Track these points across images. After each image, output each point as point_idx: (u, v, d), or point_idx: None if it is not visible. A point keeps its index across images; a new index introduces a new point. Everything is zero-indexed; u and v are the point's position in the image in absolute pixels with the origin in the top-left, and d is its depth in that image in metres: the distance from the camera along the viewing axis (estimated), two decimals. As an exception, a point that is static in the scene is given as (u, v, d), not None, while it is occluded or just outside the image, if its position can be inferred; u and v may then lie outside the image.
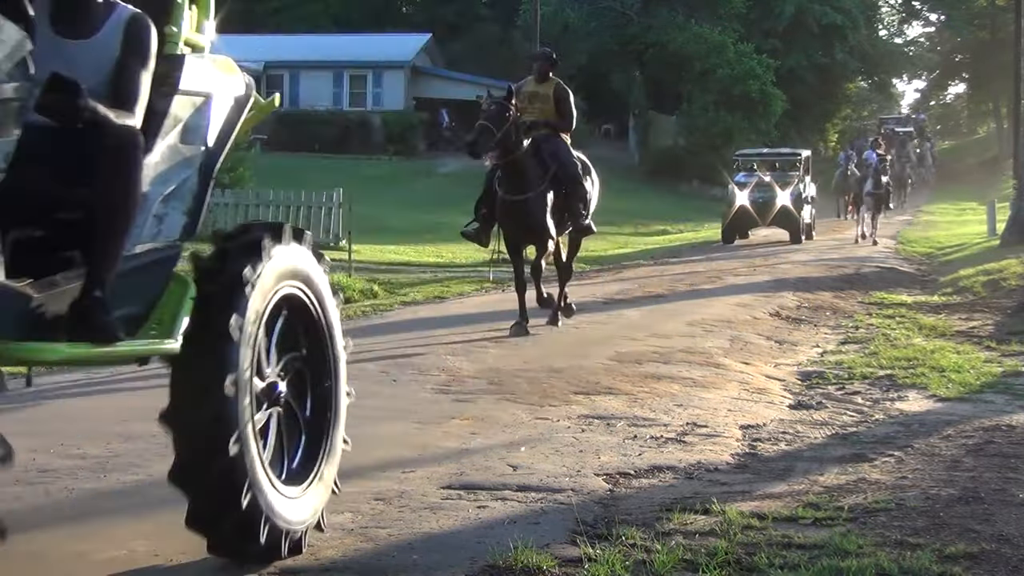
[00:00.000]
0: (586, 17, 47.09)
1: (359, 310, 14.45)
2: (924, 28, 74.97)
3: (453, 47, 52.79)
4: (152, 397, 8.18)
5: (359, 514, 5.34)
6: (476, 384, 8.87)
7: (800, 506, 5.51)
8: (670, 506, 5.50)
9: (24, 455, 6.37)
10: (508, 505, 5.57)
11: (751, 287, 16.71)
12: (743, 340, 11.74)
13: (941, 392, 8.87)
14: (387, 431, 7.15)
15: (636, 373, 9.45)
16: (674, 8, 48.91)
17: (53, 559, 4.69)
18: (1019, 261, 17.91)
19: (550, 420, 7.59)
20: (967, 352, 10.87)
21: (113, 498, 5.62)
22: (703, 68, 46.16)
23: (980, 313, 14.01)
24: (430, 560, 4.70)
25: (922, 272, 20.72)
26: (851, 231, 29.73)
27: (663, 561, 4.61)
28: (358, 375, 9.06)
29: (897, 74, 67.19)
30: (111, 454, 6.44)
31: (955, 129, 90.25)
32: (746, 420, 7.87)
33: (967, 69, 71.27)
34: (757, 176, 28.66)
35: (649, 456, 6.67)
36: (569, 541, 4.96)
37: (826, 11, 52.02)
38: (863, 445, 7.04)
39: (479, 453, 6.61)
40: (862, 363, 10.31)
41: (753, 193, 27.85)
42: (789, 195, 27.87)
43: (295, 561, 4.66)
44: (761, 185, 28.02)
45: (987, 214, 28.40)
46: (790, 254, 23.85)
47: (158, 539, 4.91)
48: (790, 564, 4.62)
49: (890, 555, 4.69)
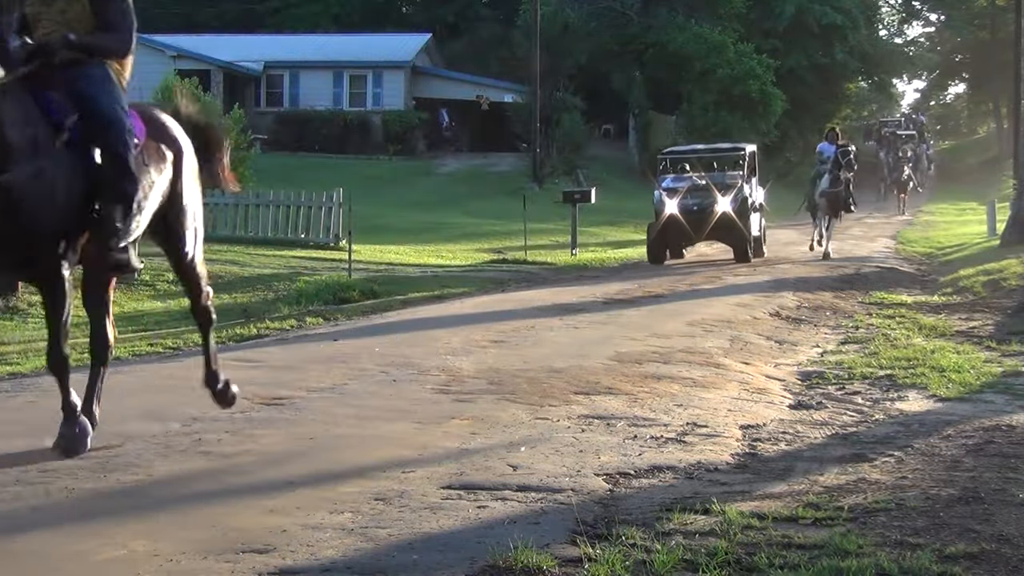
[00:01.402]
0: (586, 17, 47.06)
1: (359, 310, 14.45)
2: (924, 28, 75.01)
3: (453, 47, 52.80)
4: (152, 398, 8.21)
5: (359, 514, 5.34)
6: (476, 384, 8.86)
7: (800, 506, 5.51)
8: (670, 506, 5.50)
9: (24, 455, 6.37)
10: (508, 505, 5.57)
11: (751, 287, 16.71)
12: (743, 340, 11.73)
13: (941, 392, 8.87)
14: (387, 431, 7.15)
15: (636, 373, 9.45)
16: (674, 8, 48.90)
17: (53, 559, 4.69)
18: (1019, 261, 17.91)
19: (550, 420, 7.59)
20: (967, 352, 10.87)
21: (113, 498, 5.62)
22: (703, 68, 46.15)
23: (980, 313, 14.00)
24: (430, 560, 4.70)
25: (922, 272, 20.72)
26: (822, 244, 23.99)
27: (663, 561, 4.61)
28: (358, 375, 9.09)
29: (897, 74, 67.16)
30: (111, 454, 6.44)
31: (955, 129, 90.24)
32: (746, 420, 7.87)
33: (967, 69, 71.25)
34: (691, 179, 22.85)
35: (649, 456, 6.67)
36: (569, 541, 4.96)
37: (826, 11, 52.01)
38: (863, 445, 7.04)
39: (479, 453, 6.61)
40: (862, 363, 10.30)
41: (685, 200, 22.17)
42: (730, 201, 21.98)
43: (295, 561, 4.67)
44: (695, 190, 22.30)
45: (987, 214, 28.39)
46: (790, 254, 23.82)
47: (158, 539, 4.91)
48: (790, 564, 4.62)
49: (890, 555, 4.69)
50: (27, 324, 12.78)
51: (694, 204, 22.08)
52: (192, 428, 7.14)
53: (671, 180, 23.03)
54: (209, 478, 6.00)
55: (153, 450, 6.56)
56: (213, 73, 42.54)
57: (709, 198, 22.06)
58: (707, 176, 22.91)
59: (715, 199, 21.98)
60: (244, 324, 12.44)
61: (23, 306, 13.58)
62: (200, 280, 7.26)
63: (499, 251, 24.22)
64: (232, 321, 12.84)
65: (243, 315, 13.42)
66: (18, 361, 9.86)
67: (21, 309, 13.47)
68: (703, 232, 22.19)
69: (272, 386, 8.62)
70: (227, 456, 6.47)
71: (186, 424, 7.25)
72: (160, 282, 15.62)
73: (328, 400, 8.12)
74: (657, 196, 22.73)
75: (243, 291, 15.34)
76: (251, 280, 16.30)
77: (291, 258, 19.26)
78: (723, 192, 22.14)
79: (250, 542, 4.90)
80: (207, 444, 6.72)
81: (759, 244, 23.45)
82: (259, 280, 16.28)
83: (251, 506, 5.46)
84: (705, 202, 22.05)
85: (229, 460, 6.39)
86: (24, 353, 10.40)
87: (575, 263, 22.90)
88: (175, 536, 4.97)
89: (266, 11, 55.52)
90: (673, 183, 22.80)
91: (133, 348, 10.78)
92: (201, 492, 5.74)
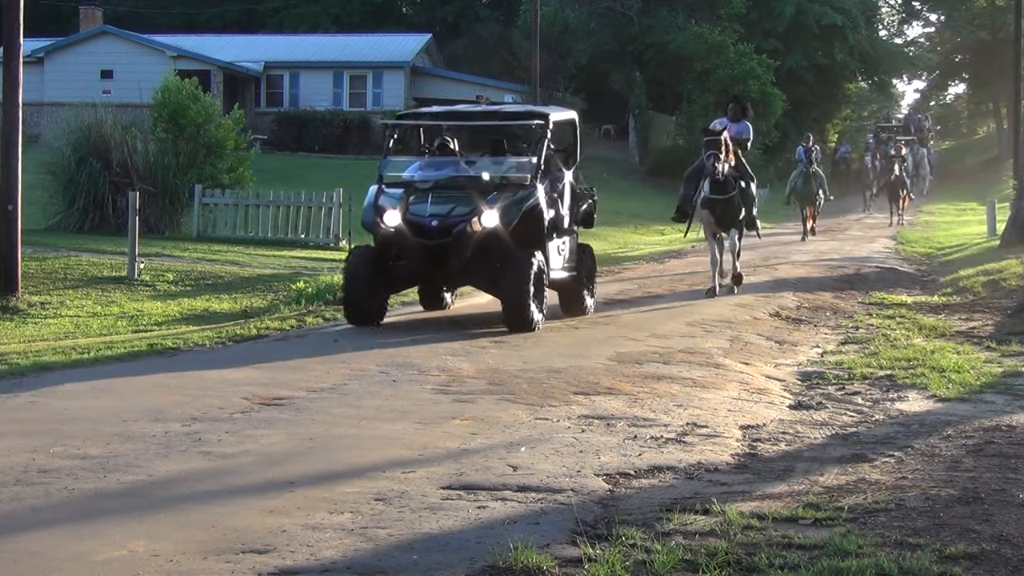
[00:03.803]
0: (586, 17, 47.06)
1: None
2: (924, 28, 74.99)
3: (453, 47, 52.77)
4: (152, 398, 8.21)
5: (359, 514, 5.34)
6: (476, 384, 8.87)
7: (800, 506, 5.52)
8: (670, 506, 5.50)
9: (24, 455, 6.38)
10: (508, 505, 5.57)
11: (751, 287, 16.70)
12: (743, 340, 11.74)
13: (941, 392, 8.87)
14: (387, 431, 7.15)
15: (636, 373, 9.45)
16: (674, 8, 48.91)
17: (53, 559, 4.69)
18: (1019, 261, 17.90)
19: (550, 420, 7.59)
20: (967, 352, 10.87)
21: (113, 498, 5.62)
22: (703, 68, 46.12)
23: (980, 313, 14.00)
24: (430, 560, 4.70)
25: (922, 272, 20.71)
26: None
27: (663, 561, 4.62)
28: (358, 375, 9.09)
29: (897, 74, 67.15)
30: (111, 454, 6.44)
31: (955, 129, 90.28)
32: (746, 420, 7.88)
33: (967, 69, 71.24)
34: (451, 166, 13.16)
35: (649, 456, 6.67)
36: (569, 541, 4.97)
37: (826, 11, 52.01)
38: (863, 445, 7.04)
39: (479, 453, 6.61)
40: (862, 363, 10.31)
41: (420, 207, 12.24)
42: (499, 214, 12.11)
43: (295, 561, 4.67)
44: (441, 191, 12.45)
45: (987, 214, 28.35)
46: (790, 254, 23.82)
47: (158, 539, 4.91)
48: (790, 564, 4.62)
49: (890, 555, 4.69)
50: (27, 324, 12.78)
51: (433, 217, 12.01)
52: (192, 428, 7.14)
53: (411, 169, 13.11)
54: (209, 478, 6.00)
55: (153, 450, 6.56)
56: (213, 73, 42.52)
57: (464, 205, 12.11)
58: (476, 164, 13.15)
59: (474, 208, 12.04)
60: (244, 324, 12.44)
61: (23, 306, 13.58)
62: None
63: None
64: (232, 321, 12.84)
65: (243, 315, 13.42)
66: (18, 361, 9.86)
67: (21, 309, 13.46)
68: (447, 267, 12.13)
69: (272, 386, 8.63)
70: (227, 456, 6.47)
71: (186, 424, 7.25)
72: (160, 282, 15.62)
73: (328, 400, 8.12)
74: (369, 198, 12.48)
75: (243, 291, 15.34)
76: (251, 280, 16.30)
77: (291, 258, 19.26)
78: (491, 195, 12.25)
79: (250, 542, 4.90)
80: (207, 444, 6.72)
81: (576, 295, 13.40)
82: (259, 280, 16.28)
83: (251, 506, 5.46)
84: (454, 213, 12.06)
85: (229, 460, 6.39)
86: (24, 353, 10.40)
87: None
88: (175, 536, 4.97)
89: (266, 11, 55.53)
90: (413, 173, 12.91)
91: (133, 348, 10.78)
92: (201, 492, 5.74)
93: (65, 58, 42.88)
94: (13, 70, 14.17)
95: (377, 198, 12.43)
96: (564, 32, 44.20)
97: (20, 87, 14.27)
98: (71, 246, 18.25)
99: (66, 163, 21.20)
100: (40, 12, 42.92)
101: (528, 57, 39.51)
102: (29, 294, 14.23)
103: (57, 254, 17.26)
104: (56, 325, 12.68)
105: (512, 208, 12.24)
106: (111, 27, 44.94)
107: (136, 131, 22.14)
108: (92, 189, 20.88)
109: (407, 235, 12.08)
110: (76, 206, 20.98)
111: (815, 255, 23.15)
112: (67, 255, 17.23)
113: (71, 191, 21.08)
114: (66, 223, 21.01)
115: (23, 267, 14.57)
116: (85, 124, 21.28)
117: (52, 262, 16.55)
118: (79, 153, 21.08)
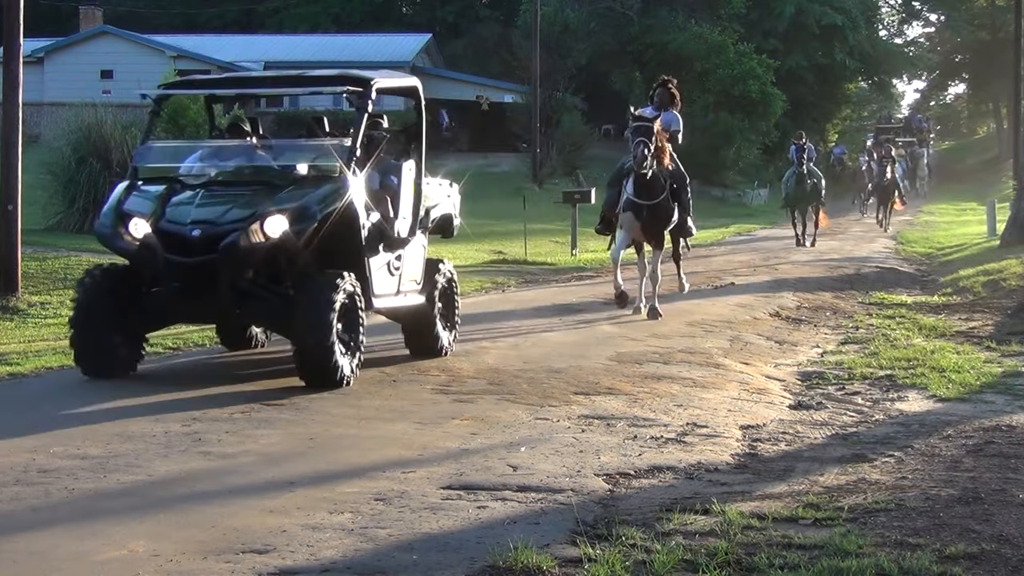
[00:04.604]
0: (586, 17, 47.03)
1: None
2: (924, 28, 75.00)
3: (453, 47, 52.79)
4: (153, 397, 8.20)
5: (359, 514, 5.34)
6: (476, 384, 8.87)
7: (800, 506, 5.52)
8: (670, 506, 5.50)
9: (24, 455, 6.38)
10: (508, 505, 5.57)
11: (751, 287, 16.70)
12: (743, 340, 11.73)
13: (941, 392, 8.87)
14: (387, 431, 7.15)
15: (636, 373, 9.45)
16: (674, 8, 48.90)
17: (53, 559, 4.69)
18: (1019, 261, 17.89)
19: (550, 420, 7.59)
20: (967, 352, 10.87)
21: (113, 498, 5.62)
22: (703, 68, 46.12)
23: (980, 313, 14.00)
24: (430, 560, 4.70)
25: (922, 272, 20.71)
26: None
27: (663, 561, 4.62)
28: (358, 376, 9.08)
29: (897, 74, 67.12)
30: (111, 454, 6.44)
31: (955, 129, 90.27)
32: (746, 420, 7.87)
33: (967, 69, 71.27)
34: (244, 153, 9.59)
35: (649, 456, 6.67)
36: (569, 541, 4.97)
37: (826, 11, 52.01)
38: (863, 445, 7.05)
39: (479, 453, 6.61)
40: (862, 363, 10.30)
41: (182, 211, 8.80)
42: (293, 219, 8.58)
43: (295, 561, 4.67)
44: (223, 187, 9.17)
45: (987, 214, 28.35)
46: (790, 254, 23.81)
47: (158, 539, 4.91)
48: (790, 564, 4.62)
49: (890, 555, 4.69)
50: (27, 324, 12.77)
51: (196, 224, 8.66)
52: (192, 428, 7.14)
53: (189, 159, 9.57)
54: (209, 478, 6.00)
55: (153, 450, 6.56)
56: (213, 73, 42.57)
57: (242, 208, 8.77)
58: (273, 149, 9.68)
59: (255, 211, 8.66)
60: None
61: (23, 306, 13.57)
62: None
63: (499, 251, 24.21)
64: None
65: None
66: (18, 361, 9.86)
67: (21, 309, 13.46)
68: (213, 295, 8.67)
69: (272, 386, 8.62)
70: (227, 456, 6.47)
71: (186, 424, 7.25)
72: (160, 282, 15.61)
73: (328, 400, 8.12)
74: (111, 199, 9.16)
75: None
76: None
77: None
78: (283, 193, 8.88)
79: (250, 542, 4.90)
80: (207, 444, 6.72)
81: (425, 328, 10.19)
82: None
83: (251, 506, 5.46)
84: (227, 218, 8.70)
85: (229, 460, 6.39)
86: (24, 353, 10.39)
87: (575, 263, 22.87)
88: (175, 536, 4.97)
89: (266, 11, 55.52)
90: (190, 164, 9.47)
91: (133, 348, 10.76)
92: (201, 492, 5.74)
93: (65, 58, 42.89)
94: (13, 70, 14.16)
95: (123, 200, 8.94)
96: (564, 32, 44.17)
97: (20, 87, 14.25)
98: (71, 246, 18.24)
99: (66, 163, 21.19)
100: (40, 12, 42.89)
101: (528, 57, 39.50)
102: (29, 294, 14.22)
103: (57, 254, 17.25)
104: (56, 325, 12.67)
105: (310, 209, 8.65)
106: (111, 27, 44.95)
107: (136, 131, 22.12)
108: (92, 189, 20.85)
109: (156, 251, 8.51)
110: (76, 206, 20.97)
111: (815, 255, 23.15)
112: (67, 255, 17.22)
113: (71, 191, 21.06)
114: (66, 223, 20.99)
115: (23, 267, 14.56)
116: (85, 124, 21.27)
117: (52, 262, 16.54)
118: (79, 153, 21.07)
